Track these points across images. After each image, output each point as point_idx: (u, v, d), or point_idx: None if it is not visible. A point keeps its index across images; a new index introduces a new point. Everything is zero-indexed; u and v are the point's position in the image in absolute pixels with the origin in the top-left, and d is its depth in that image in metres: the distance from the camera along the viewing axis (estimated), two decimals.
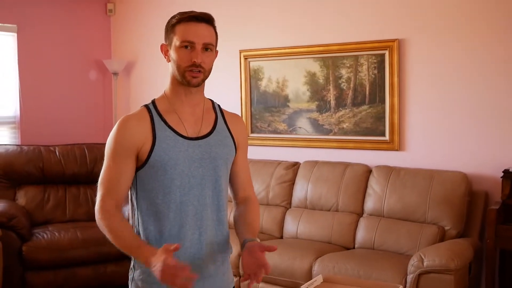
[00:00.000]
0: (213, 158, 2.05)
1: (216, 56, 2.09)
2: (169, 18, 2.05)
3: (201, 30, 1.99)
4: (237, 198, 2.22)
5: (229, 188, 2.20)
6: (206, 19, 2.02)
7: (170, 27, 2.03)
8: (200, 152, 2.02)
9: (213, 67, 2.08)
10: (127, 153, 1.97)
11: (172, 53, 2.01)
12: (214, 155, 2.05)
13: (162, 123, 2.01)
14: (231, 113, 2.21)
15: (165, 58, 2.07)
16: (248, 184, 2.24)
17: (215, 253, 2.08)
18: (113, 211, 1.95)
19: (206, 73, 2.03)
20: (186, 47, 1.98)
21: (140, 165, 1.99)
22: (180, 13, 2.03)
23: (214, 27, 2.05)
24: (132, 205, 2.07)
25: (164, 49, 2.07)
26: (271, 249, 1.92)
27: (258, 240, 2.01)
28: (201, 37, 1.98)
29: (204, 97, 2.14)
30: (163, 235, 1.99)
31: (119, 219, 1.95)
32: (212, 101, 2.18)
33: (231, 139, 2.13)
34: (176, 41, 1.99)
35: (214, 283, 2.08)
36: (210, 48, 2.01)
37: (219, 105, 2.19)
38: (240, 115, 5.36)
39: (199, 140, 2.04)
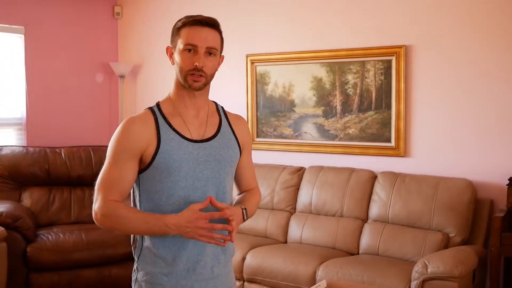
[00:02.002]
0: (217, 161, 2.05)
1: (221, 62, 2.10)
2: (176, 21, 2.06)
3: (205, 33, 2.00)
4: (241, 192, 2.28)
5: (234, 187, 2.22)
6: (211, 23, 2.02)
7: (176, 30, 2.04)
8: (205, 155, 2.03)
9: (219, 71, 2.09)
10: (130, 155, 1.97)
11: (176, 56, 2.02)
12: (218, 158, 2.06)
13: (167, 125, 2.02)
14: (234, 114, 2.22)
15: (170, 60, 2.08)
16: (253, 182, 2.28)
17: (218, 255, 2.09)
18: (116, 203, 1.96)
19: (208, 78, 2.03)
20: (189, 50, 1.99)
21: (144, 167, 2.00)
22: (186, 17, 2.04)
23: (220, 32, 2.06)
24: (135, 207, 2.08)
25: (169, 52, 2.08)
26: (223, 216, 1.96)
27: (245, 210, 2.07)
28: (204, 41, 1.99)
29: (208, 99, 2.14)
30: (166, 237, 2.00)
31: (125, 206, 1.97)
32: (215, 103, 2.19)
33: (236, 141, 2.14)
34: (180, 44, 2.00)
35: (217, 284, 2.09)
36: (213, 52, 2.02)
37: (222, 107, 2.20)
38: (245, 119, 5.38)
39: (204, 143, 2.05)
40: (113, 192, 1.96)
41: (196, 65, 1.97)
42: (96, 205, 1.97)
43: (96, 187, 1.99)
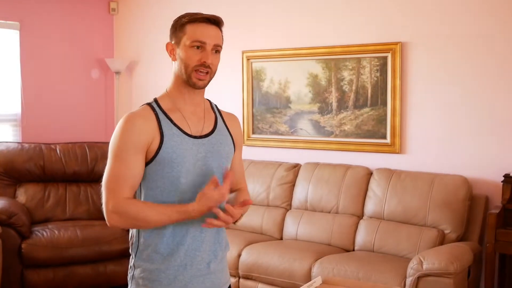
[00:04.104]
0: (215, 157, 2.07)
1: None
2: (177, 17, 2.06)
3: (212, 31, 2.02)
4: (230, 191, 2.26)
5: None
6: (217, 21, 2.04)
7: (179, 26, 2.03)
8: (204, 151, 2.04)
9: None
10: (137, 150, 1.96)
11: (181, 52, 2.02)
12: (216, 154, 2.07)
13: (168, 121, 2.02)
14: (227, 112, 2.24)
15: (170, 56, 2.08)
16: (242, 181, 2.30)
17: (215, 250, 2.10)
18: (131, 200, 1.97)
19: (212, 75, 2.05)
20: (197, 47, 1.99)
21: (147, 162, 2.00)
22: (189, 14, 2.04)
23: (222, 30, 2.08)
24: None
25: (170, 48, 2.07)
26: (246, 203, 2.02)
27: (242, 213, 2.07)
28: (213, 38, 2.01)
29: (204, 97, 2.16)
30: (166, 232, 2.01)
31: (140, 202, 1.99)
32: (209, 101, 2.20)
33: (230, 138, 2.16)
34: (186, 41, 2.00)
35: (214, 279, 2.10)
36: (219, 50, 2.04)
37: (216, 105, 2.22)
38: (241, 116, 5.39)
39: (203, 139, 2.06)
40: (125, 190, 1.95)
41: (205, 62, 1.98)
42: (110, 205, 1.94)
43: (104, 186, 1.97)
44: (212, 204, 1.93)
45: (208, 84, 2.05)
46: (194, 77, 2.00)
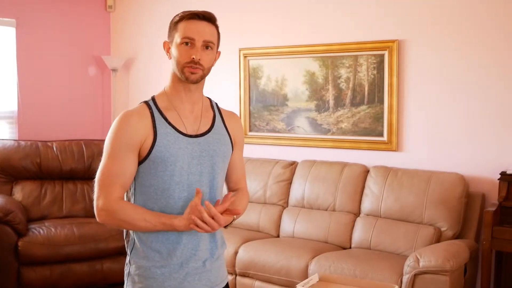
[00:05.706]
0: (211, 156, 2.06)
1: (218, 57, 2.12)
2: (173, 16, 2.07)
3: (202, 27, 2.01)
4: (229, 190, 2.27)
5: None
6: (208, 17, 2.04)
7: (173, 25, 2.05)
8: (199, 150, 2.04)
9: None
10: (130, 149, 1.97)
11: (173, 50, 2.03)
12: (212, 153, 2.07)
13: (163, 119, 2.02)
14: (228, 111, 2.23)
15: (167, 55, 2.09)
16: (242, 180, 2.28)
17: (211, 249, 2.10)
18: (121, 202, 1.97)
19: (205, 71, 2.04)
20: (186, 43, 2.00)
21: (140, 160, 2.00)
22: (183, 12, 2.05)
23: (217, 27, 2.07)
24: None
25: (166, 47, 2.09)
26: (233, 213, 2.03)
27: (234, 217, 2.07)
28: (202, 34, 2.00)
29: (203, 95, 2.15)
30: (160, 231, 2.00)
31: (131, 206, 1.99)
32: (210, 99, 2.20)
33: (228, 137, 2.15)
34: (177, 38, 2.01)
35: (210, 277, 2.10)
36: (210, 46, 2.03)
37: (216, 103, 2.21)
38: (238, 113, 5.38)
39: (198, 138, 2.05)
40: (116, 188, 1.96)
41: (193, 58, 1.98)
42: (100, 202, 1.96)
43: (96, 183, 1.98)
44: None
45: (201, 79, 2.04)
46: (186, 72, 2.00)
